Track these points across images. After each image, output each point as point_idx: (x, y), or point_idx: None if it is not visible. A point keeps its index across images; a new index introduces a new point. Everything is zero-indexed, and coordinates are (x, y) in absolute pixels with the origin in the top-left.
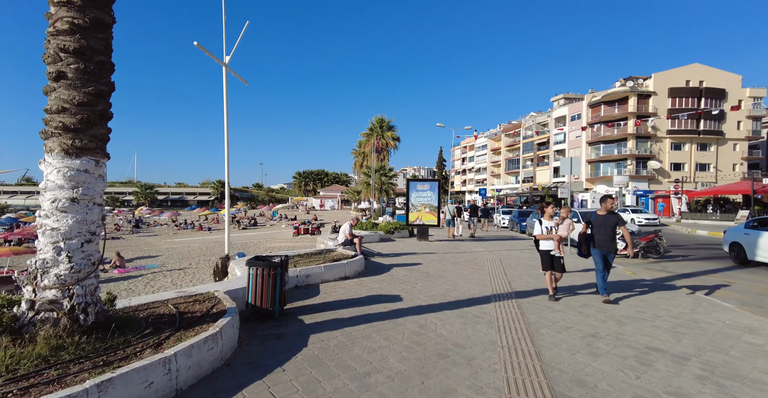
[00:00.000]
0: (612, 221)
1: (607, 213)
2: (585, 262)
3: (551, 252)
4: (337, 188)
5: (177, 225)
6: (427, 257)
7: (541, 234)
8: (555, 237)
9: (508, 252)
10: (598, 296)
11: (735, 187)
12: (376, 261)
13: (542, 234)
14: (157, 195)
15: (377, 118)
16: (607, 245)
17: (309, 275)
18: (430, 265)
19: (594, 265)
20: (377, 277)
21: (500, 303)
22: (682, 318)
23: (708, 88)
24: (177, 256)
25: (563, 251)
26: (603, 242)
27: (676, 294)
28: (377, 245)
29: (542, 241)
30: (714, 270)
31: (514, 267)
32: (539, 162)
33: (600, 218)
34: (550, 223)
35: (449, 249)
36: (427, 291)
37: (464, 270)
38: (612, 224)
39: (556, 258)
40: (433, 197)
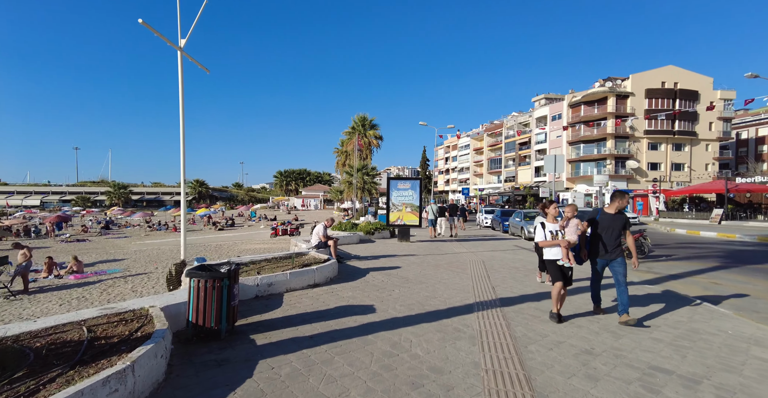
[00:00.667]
0: (620, 222)
1: (616, 213)
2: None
3: (559, 261)
4: (320, 188)
5: (150, 227)
6: (407, 260)
7: (545, 241)
8: (563, 243)
9: (491, 254)
10: (587, 304)
11: (709, 186)
12: (352, 265)
13: (546, 239)
14: (132, 195)
15: (359, 117)
16: (613, 250)
17: (272, 284)
18: (409, 269)
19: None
20: (351, 284)
21: (484, 312)
22: (680, 327)
23: (682, 89)
24: (144, 260)
25: (572, 260)
26: (608, 246)
27: (668, 299)
28: (356, 247)
29: (547, 249)
30: (699, 270)
31: (498, 269)
32: (521, 161)
33: (608, 217)
34: (555, 226)
35: (431, 250)
36: (404, 299)
37: (445, 274)
38: (620, 226)
39: (564, 269)
40: (415, 196)
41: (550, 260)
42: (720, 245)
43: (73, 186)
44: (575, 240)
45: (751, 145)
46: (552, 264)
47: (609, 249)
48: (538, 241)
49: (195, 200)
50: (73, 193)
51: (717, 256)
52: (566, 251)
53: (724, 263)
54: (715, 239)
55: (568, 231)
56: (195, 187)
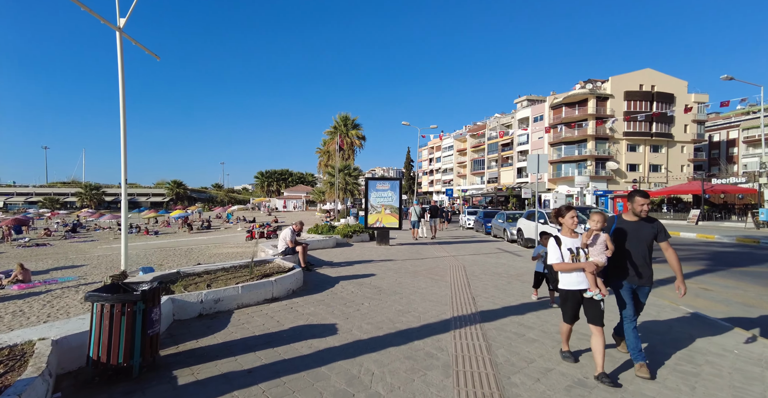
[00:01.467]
0: (649, 233)
1: (640, 220)
2: None
3: (586, 292)
4: (302, 188)
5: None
6: (383, 266)
7: (562, 263)
8: (588, 266)
9: (473, 258)
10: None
11: (687, 187)
12: (322, 273)
13: (564, 261)
14: (105, 196)
15: (341, 116)
16: (641, 272)
17: (219, 299)
18: (384, 277)
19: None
20: (315, 297)
21: (462, 330)
22: (680, 345)
23: (659, 92)
24: (106, 266)
25: (604, 290)
26: (634, 268)
27: (660, 310)
28: (331, 251)
29: (564, 275)
30: (686, 274)
31: (479, 276)
32: (503, 163)
33: (629, 227)
34: (574, 242)
35: (410, 254)
36: (372, 315)
37: (423, 282)
38: (649, 238)
39: (591, 302)
40: (395, 198)
41: (570, 290)
42: (701, 246)
43: (41, 187)
44: (604, 263)
45: (723, 147)
46: (570, 296)
47: (638, 270)
48: (553, 263)
49: (172, 201)
50: (40, 194)
51: (701, 259)
52: (593, 277)
53: (709, 266)
54: (695, 240)
55: (595, 250)
56: (172, 187)
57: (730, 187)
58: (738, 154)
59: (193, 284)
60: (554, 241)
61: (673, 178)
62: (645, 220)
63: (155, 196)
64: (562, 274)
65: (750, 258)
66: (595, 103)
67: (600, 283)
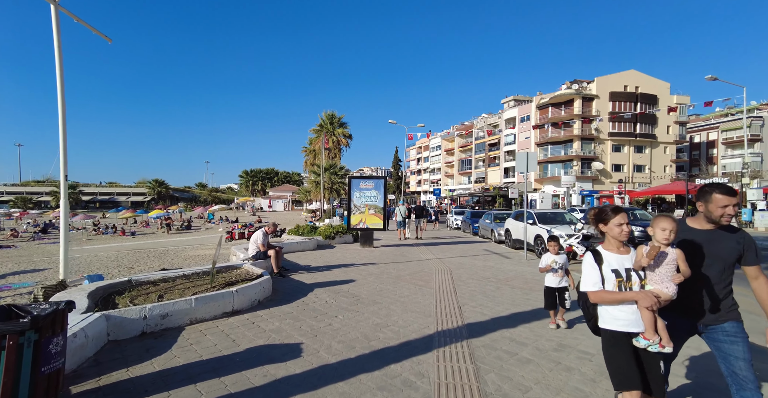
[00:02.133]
0: (731, 249)
1: (717, 229)
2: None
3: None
4: (288, 188)
5: (96, 230)
6: (364, 270)
7: (604, 292)
8: (645, 298)
9: (460, 260)
10: (581, 326)
11: (672, 187)
12: (297, 280)
13: (607, 289)
14: (82, 195)
15: (327, 114)
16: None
17: (168, 314)
18: (364, 283)
19: None
20: (283, 309)
21: (446, 349)
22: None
23: (642, 93)
24: (72, 269)
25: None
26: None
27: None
28: (310, 254)
29: (609, 308)
30: None
31: (466, 281)
32: (490, 162)
33: (701, 238)
34: (624, 260)
35: (394, 257)
36: (346, 331)
37: (406, 289)
38: (731, 257)
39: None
40: (379, 197)
41: (619, 332)
42: None
43: (12, 185)
44: (672, 295)
45: (703, 148)
46: (619, 341)
47: (706, 302)
48: (589, 291)
49: (154, 201)
50: (12, 193)
51: None
52: (652, 317)
53: None
54: None
55: (658, 274)
56: (154, 187)
57: None
58: (717, 155)
59: (144, 295)
60: (592, 258)
61: (656, 178)
62: (725, 229)
63: (136, 196)
64: (603, 309)
65: None
66: (581, 103)
67: (662, 328)
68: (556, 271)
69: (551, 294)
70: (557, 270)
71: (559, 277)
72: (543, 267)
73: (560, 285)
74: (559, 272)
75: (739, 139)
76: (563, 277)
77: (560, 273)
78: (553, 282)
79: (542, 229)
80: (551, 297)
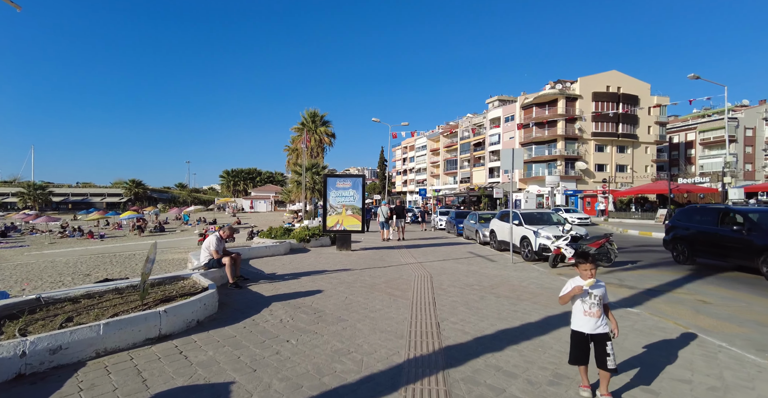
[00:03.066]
0: None
1: None
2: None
3: None
4: (271, 188)
5: (62, 232)
6: (336, 278)
7: None
8: None
9: (442, 265)
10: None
11: (654, 187)
12: (255, 291)
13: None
14: (53, 196)
15: (309, 112)
16: None
17: (61, 347)
18: (333, 294)
19: None
20: (226, 331)
21: (416, 386)
22: None
23: (624, 93)
24: (19, 277)
25: None
26: None
27: (668, 333)
28: (280, 260)
29: None
30: (674, 281)
31: (447, 289)
32: (476, 162)
33: None
34: None
35: (372, 261)
36: (294, 363)
37: (379, 300)
38: None
39: None
40: (357, 197)
41: None
42: None
43: None
44: None
45: (682, 149)
46: None
47: None
48: None
49: (130, 202)
50: None
51: None
52: None
53: (693, 271)
54: None
55: None
56: (130, 187)
57: (693, 186)
58: (695, 155)
59: (49, 318)
60: None
61: (637, 177)
62: None
63: (111, 197)
64: None
65: None
66: (565, 103)
67: None
68: (587, 306)
69: (582, 344)
70: (590, 305)
71: (595, 318)
72: (566, 297)
73: (597, 331)
74: (594, 309)
75: (716, 140)
76: (601, 317)
77: (596, 312)
78: (586, 325)
79: (529, 230)
80: (582, 348)
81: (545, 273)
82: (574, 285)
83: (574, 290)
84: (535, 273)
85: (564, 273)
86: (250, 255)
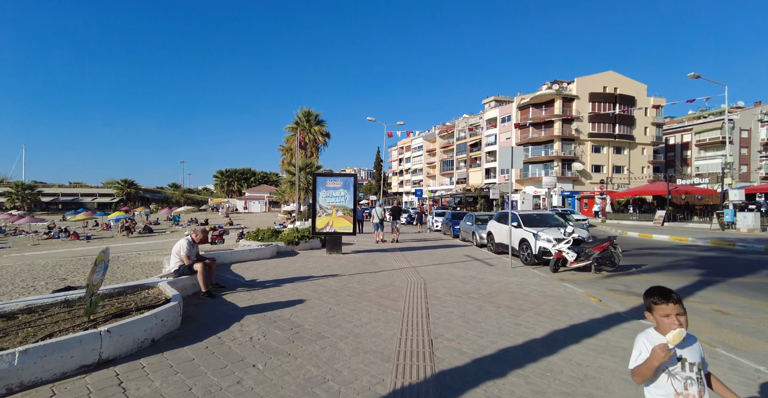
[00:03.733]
0: None
1: None
2: None
3: None
4: (266, 188)
5: (47, 233)
6: (322, 285)
7: None
8: None
9: (437, 269)
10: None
11: (653, 188)
12: (230, 301)
13: None
14: (42, 196)
15: (303, 111)
16: None
17: None
18: (316, 304)
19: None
20: (183, 352)
21: None
22: None
23: (621, 94)
24: None
25: None
26: None
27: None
28: (264, 264)
29: None
30: (685, 288)
31: (442, 297)
32: (472, 163)
33: None
34: None
35: (363, 266)
36: (256, 395)
37: (366, 312)
38: None
39: None
40: (348, 197)
41: None
42: (679, 250)
43: None
44: None
45: (678, 150)
46: None
47: None
48: None
49: (122, 202)
50: None
51: (689, 266)
52: None
53: (703, 276)
54: (670, 243)
55: None
56: (122, 187)
57: (692, 187)
58: (691, 156)
59: None
60: None
61: (634, 179)
62: None
63: (102, 197)
64: None
65: (739, 265)
66: (562, 103)
67: None
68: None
69: None
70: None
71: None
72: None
73: None
74: (694, 389)
75: (712, 141)
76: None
77: (697, 393)
78: None
79: (528, 233)
80: None
81: (546, 278)
82: (653, 347)
83: (656, 356)
84: (536, 279)
85: (566, 279)
86: (232, 260)
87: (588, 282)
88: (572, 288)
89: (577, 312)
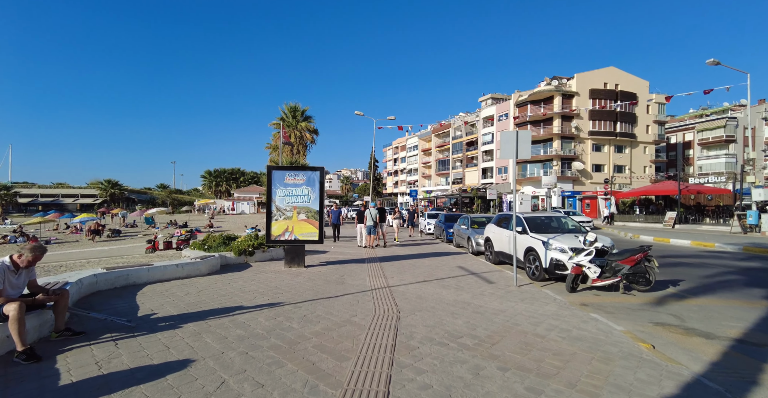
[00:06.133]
0: None
1: None
2: None
3: None
4: (255, 189)
5: (4, 237)
6: (245, 324)
7: None
8: None
9: (420, 290)
10: None
11: (661, 188)
12: (57, 368)
13: None
14: (19, 197)
15: (289, 106)
16: None
17: None
18: (202, 373)
19: None
20: None
21: None
22: None
23: (622, 91)
24: None
25: None
26: None
27: None
28: (193, 283)
29: None
30: (765, 320)
31: (419, 349)
32: (468, 163)
33: None
34: None
35: (323, 287)
36: None
37: (281, 390)
38: None
39: None
40: (313, 196)
41: None
42: (710, 259)
43: None
44: None
45: (679, 149)
46: None
47: None
48: None
49: (105, 203)
50: None
51: (741, 283)
52: None
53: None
54: (694, 249)
55: None
56: (106, 187)
57: (703, 187)
58: (693, 155)
59: None
60: None
61: (636, 178)
62: None
63: (85, 198)
64: None
65: None
66: (561, 100)
67: None
68: None
69: None
70: None
71: None
72: None
73: None
74: None
75: (715, 140)
76: None
77: None
78: None
79: (536, 240)
80: None
81: (565, 304)
82: None
83: None
84: (551, 307)
85: (590, 303)
86: (149, 280)
87: (622, 311)
88: (605, 323)
89: (632, 378)
